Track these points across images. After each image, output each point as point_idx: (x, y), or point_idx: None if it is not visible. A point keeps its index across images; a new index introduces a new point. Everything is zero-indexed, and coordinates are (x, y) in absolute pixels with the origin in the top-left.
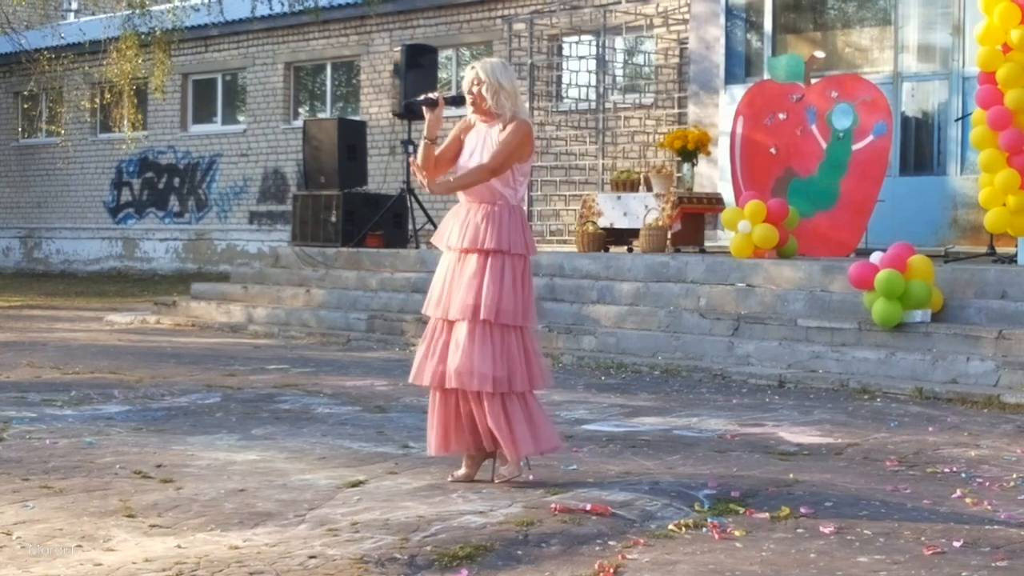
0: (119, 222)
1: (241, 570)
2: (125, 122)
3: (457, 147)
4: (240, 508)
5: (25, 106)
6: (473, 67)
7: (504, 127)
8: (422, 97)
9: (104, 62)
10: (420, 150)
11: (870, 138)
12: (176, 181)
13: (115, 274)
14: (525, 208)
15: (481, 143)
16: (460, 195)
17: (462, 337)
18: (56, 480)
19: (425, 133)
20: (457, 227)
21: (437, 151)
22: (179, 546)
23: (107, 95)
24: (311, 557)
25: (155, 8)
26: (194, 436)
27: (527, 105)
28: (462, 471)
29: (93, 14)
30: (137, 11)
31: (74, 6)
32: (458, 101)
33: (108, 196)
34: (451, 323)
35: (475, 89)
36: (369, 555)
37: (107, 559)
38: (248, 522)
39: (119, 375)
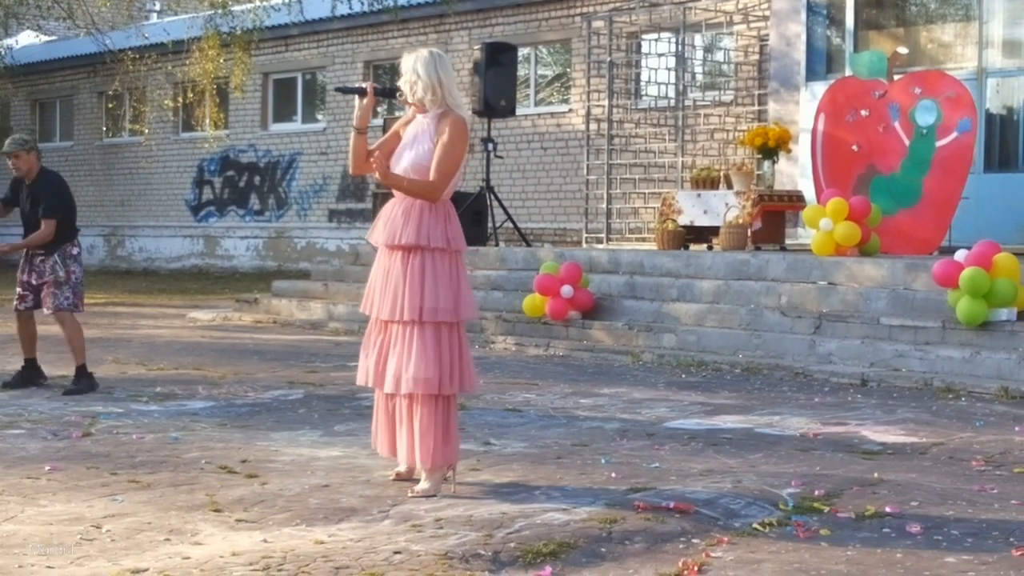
0: (200, 220)
1: (327, 565)
2: (207, 121)
3: (397, 141)
4: (324, 503)
5: (109, 105)
6: (407, 58)
7: (438, 122)
8: (353, 86)
9: (186, 62)
10: (351, 140)
11: (954, 135)
12: (256, 179)
13: (196, 271)
14: (605, 201)
15: (414, 136)
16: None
17: (394, 339)
18: (143, 474)
19: (355, 123)
20: (382, 223)
21: (377, 143)
22: (265, 540)
23: (189, 94)
24: (396, 553)
25: (236, 8)
26: (277, 432)
27: (463, 98)
28: (403, 467)
29: (176, 14)
30: (219, 11)
31: (157, 6)
32: (387, 92)
33: (190, 194)
34: (383, 323)
35: (409, 82)
36: (453, 551)
37: (195, 553)
38: (333, 517)
39: (203, 371)
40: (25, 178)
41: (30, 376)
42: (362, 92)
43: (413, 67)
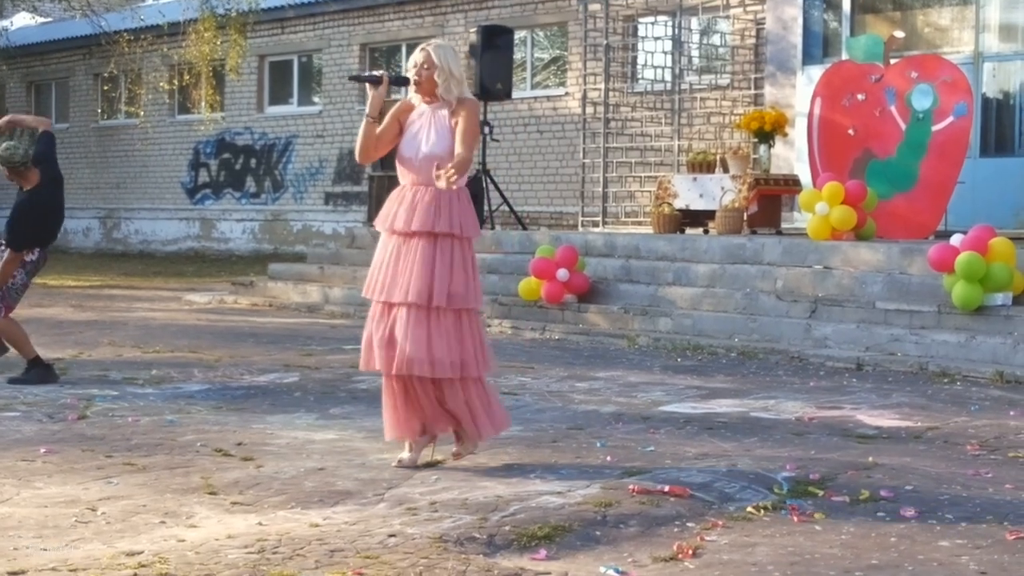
0: (196, 203)
1: (322, 547)
2: (203, 103)
3: (396, 129)
4: (320, 486)
5: (105, 88)
6: (424, 49)
7: (452, 110)
8: (367, 74)
9: (182, 44)
10: (362, 128)
11: (950, 119)
12: (252, 162)
13: (192, 254)
14: (601, 184)
15: (427, 125)
16: (404, 178)
17: (414, 323)
18: (139, 457)
19: (368, 111)
20: (404, 210)
21: (378, 130)
22: (260, 523)
23: (185, 76)
24: (391, 536)
25: None
26: (273, 415)
27: (469, 90)
28: (407, 455)
29: None
30: None
31: None
32: (403, 81)
33: (186, 177)
34: (394, 307)
35: (425, 72)
36: (448, 534)
37: (190, 535)
38: (328, 500)
39: (198, 354)
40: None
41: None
42: (377, 81)
43: (447, 62)
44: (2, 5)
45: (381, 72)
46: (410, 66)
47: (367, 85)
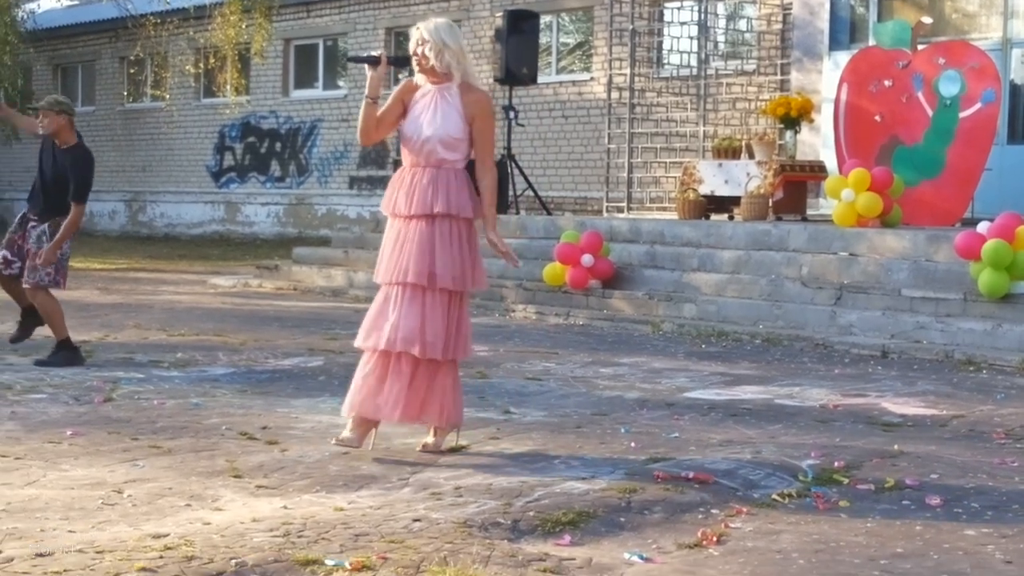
0: (222, 186)
1: (346, 531)
2: (228, 87)
3: (400, 110)
4: (344, 471)
5: (131, 71)
6: (418, 27)
7: (461, 93)
8: (365, 54)
9: (208, 27)
10: (362, 109)
11: (978, 106)
12: (278, 146)
13: (217, 238)
14: (626, 170)
15: (432, 106)
16: (405, 159)
17: (409, 302)
18: (164, 440)
19: (367, 92)
20: (403, 194)
21: (379, 112)
22: (285, 507)
23: (211, 60)
24: (415, 520)
25: None
26: (298, 399)
27: (475, 68)
28: (351, 434)
29: None
30: None
31: None
32: (402, 62)
33: (211, 160)
34: (396, 287)
35: (419, 49)
36: (472, 519)
37: (215, 518)
38: (352, 484)
39: (223, 337)
40: (55, 139)
41: (31, 322)
42: (375, 61)
43: (439, 36)
44: None
45: (379, 52)
46: (410, 47)
47: (366, 66)
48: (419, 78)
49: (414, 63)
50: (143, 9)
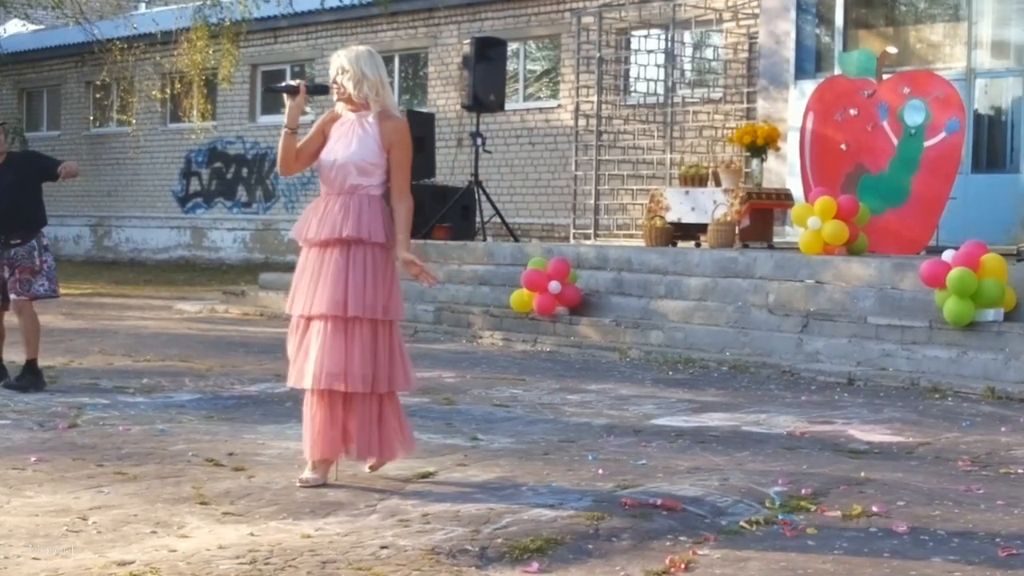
0: (188, 211)
1: (314, 559)
2: (195, 112)
3: (321, 140)
4: (311, 497)
5: (97, 95)
6: (338, 55)
7: (377, 120)
8: (283, 84)
9: (175, 52)
10: (281, 140)
11: (942, 135)
12: (244, 171)
13: (183, 263)
14: (593, 197)
15: (349, 133)
16: (322, 187)
17: (331, 335)
18: (130, 466)
19: (286, 122)
20: (315, 220)
21: (300, 143)
22: (252, 534)
23: (177, 85)
24: (383, 547)
25: None
26: (264, 425)
27: (394, 98)
28: (312, 475)
29: (165, 4)
30: (208, 2)
31: None
32: (320, 90)
33: (177, 185)
34: (314, 320)
35: (339, 78)
36: (440, 546)
37: (181, 545)
38: (320, 511)
39: (189, 363)
40: None
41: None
42: (294, 90)
43: (356, 64)
44: None
45: (298, 82)
46: (331, 75)
47: (284, 96)
48: (339, 106)
49: (333, 92)
50: (109, 34)
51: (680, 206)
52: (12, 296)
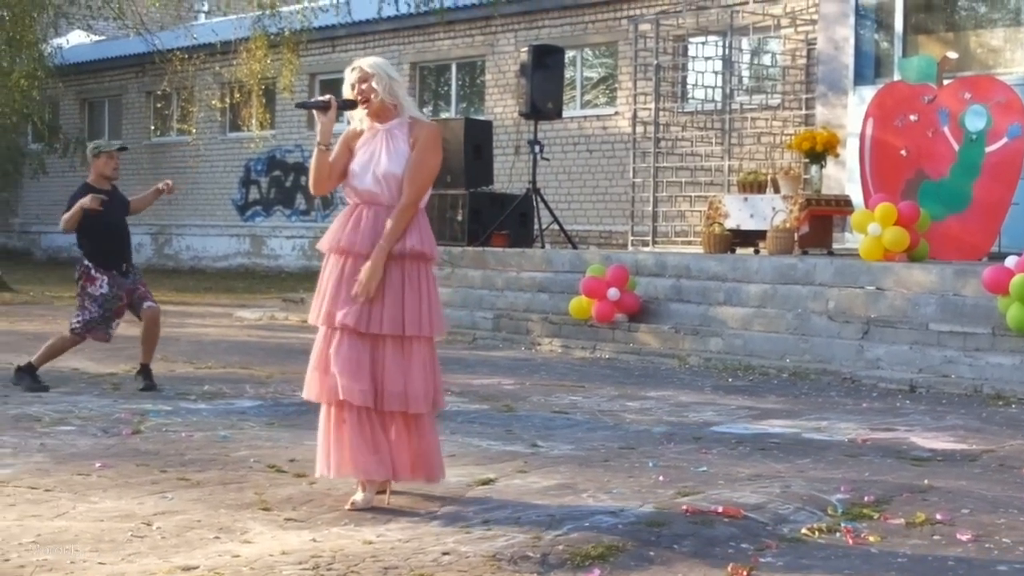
0: (247, 220)
1: (376, 565)
2: (254, 121)
3: (348, 155)
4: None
5: (158, 105)
6: (354, 67)
7: (411, 129)
8: (313, 100)
9: (234, 62)
10: (314, 157)
11: (1004, 140)
12: (303, 180)
13: (243, 271)
14: (651, 204)
15: (380, 146)
16: (350, 198)
17: (388, 354)
18: (193, 472)
19: (319, 139)
20: (349, 231)
21: (330, 158)
22: (314, 540)
23: (237, 94)
24: (444, 554)
25: (284, 9)
26: None
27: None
28: (363, 496)
29: (224, 15)
30: (267, 12)
31: (205, 7)
32: (350, 105)
33: (236, 194)
34: (335, 331)
35: (364, 85)
36: (502, 553)
37: (244, 551)
38: (381, 518)
39: (250, 370)
40: (112, 181)
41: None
42: (324, 106)
43: (380, 68)
44: (57, 23)
45: (328, 97)
46: (347, 90)
47: (315, 112)
48: (360, 123)
49: (360, 101)
50: (170, 44)
51: (739, 213)
52: (148, 304)
